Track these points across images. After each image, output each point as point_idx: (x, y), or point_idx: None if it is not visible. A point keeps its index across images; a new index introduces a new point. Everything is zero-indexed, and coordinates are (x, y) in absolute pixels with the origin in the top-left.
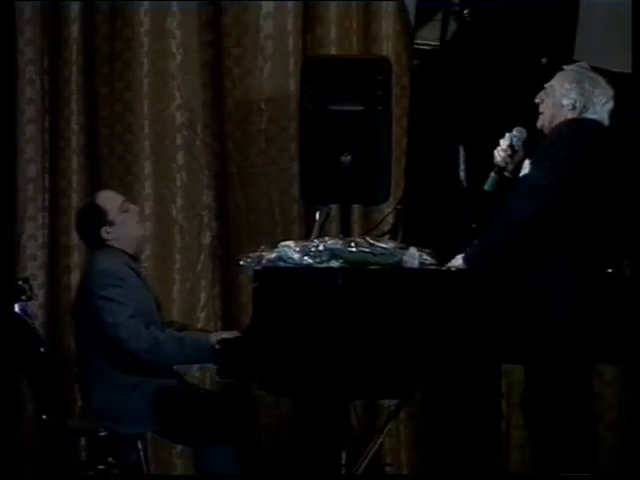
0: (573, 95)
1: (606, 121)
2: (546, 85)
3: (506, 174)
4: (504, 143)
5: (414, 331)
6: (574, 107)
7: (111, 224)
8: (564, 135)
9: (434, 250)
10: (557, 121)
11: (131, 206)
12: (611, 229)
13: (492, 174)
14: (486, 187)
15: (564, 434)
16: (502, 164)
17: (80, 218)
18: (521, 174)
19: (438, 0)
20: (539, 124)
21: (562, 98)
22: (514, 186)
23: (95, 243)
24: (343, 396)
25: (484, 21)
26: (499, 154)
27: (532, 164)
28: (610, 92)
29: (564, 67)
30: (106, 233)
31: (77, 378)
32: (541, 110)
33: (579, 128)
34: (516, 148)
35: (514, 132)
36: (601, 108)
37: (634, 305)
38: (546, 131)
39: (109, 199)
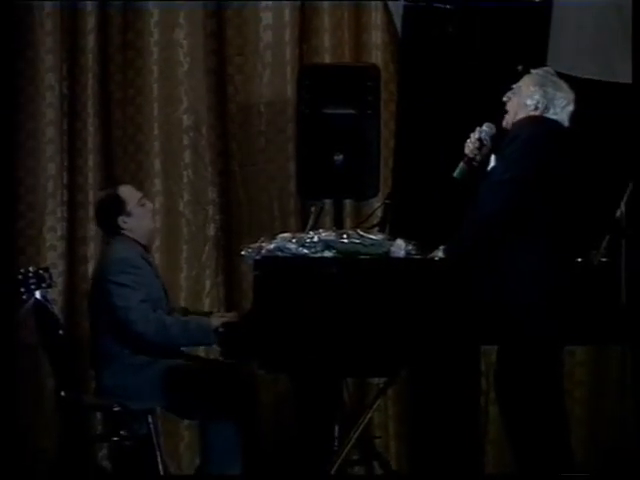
0: (536, 96)
1: (566, 122)
2: (514, 86)
3: (474, 164)
4: (474, 136)
5: (400, 315)
6: (537, 107)
7: (128, 215)
8: (524, 132)
9: (419, 241)
10: (517, 117)
11: (147, 202)
12: (581, 222)
13: (461, 164)
14: (455, 175)
15: (535, 410)
16: (471, 155)
17: (100, 206)
18: (489, 167)
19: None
20: (504, 123)
21: (526, 98)
22: (484, 181)
23: (112, 231)
24: (336, 374)
25: (467, 34)
26: (468, 146)
27: (497, 159)
28: (571, 96)
29: (531, 71)
30: (123, 222)
31: (90, 360)
32: (507, 108)
33: (539, 125)
34: (484, 142)
35: (484, 127)
36: (561, 110)
37: (602, 290)
38: (509, 127)
39: (129, 193)
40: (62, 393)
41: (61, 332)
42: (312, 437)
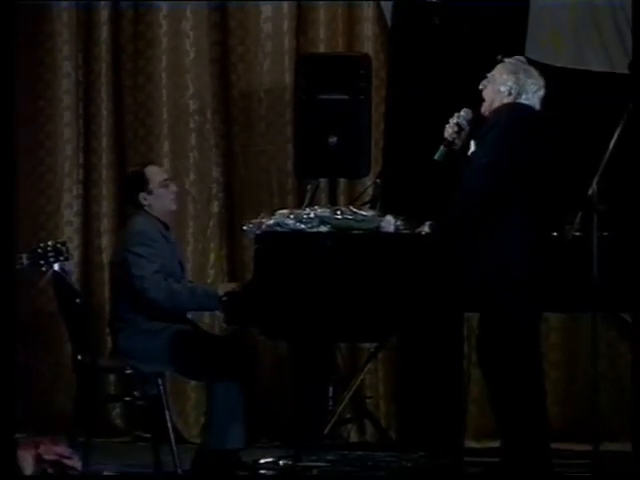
0: (509, 83)
1: (537, 106)
2: (488, 74)
3: (454, 147)
4: (452, 121)
5: (390, 285)
6: (510, 93)
7: (149, 192)
8: (502, 118)
9: (407, 217)
10: (496, 105)
11: (172, 185)
12: (556, 199)
13: (441, 147)
14: (436, 157)
15: (514, 373)
16: (450, 138)
17: (125, 181)
18: (469, 152)
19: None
20: (482, 109)
21: (500, 85)
22: (467, 166)
23: (134, 205)
24: (330, 340)
25: (451, 25)
26: (447, 130)
27: (476, 144)
28: (541, 82)
29: (504, 60)
30: (143, 199)
31: (108, 323)
32: (484, 96)
33: (514, 112)
34: (462, 126)
35: (461, 112)
36: (533, 95)
37: (575, 262)
38: (486, 114)
39: (154, 172)
40: (79, 357)
41: (77, 301)
42: (308, 397)
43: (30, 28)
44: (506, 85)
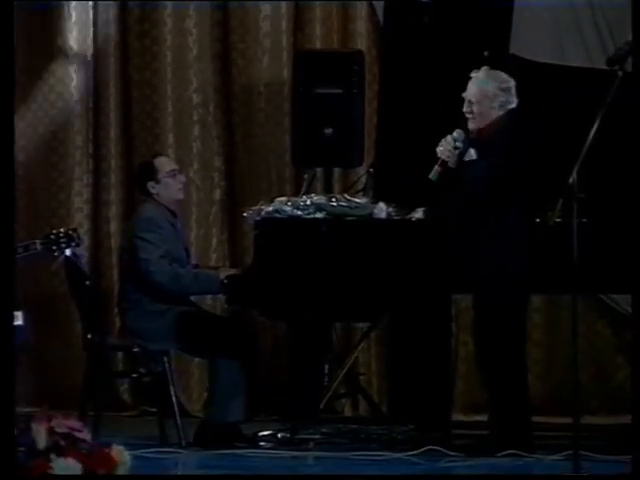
0: (500, 98)
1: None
2: (468, 96)
3: (449, 166)
4: (448, 144)
5: (382, 268)
6: (502, 105)
7: (157, 181)
8: (506, 129)
9: (398, 204)
10: (490, 120)
11: (180, 175)
12: (540, 188)
13: (436, 167)
14: (431, 177)
15: (504, 350)
16: (446, 159)
17: (136, 171)
18: (467, 159)
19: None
20: (476, 125)
21: (492, 102)
22: (470, 165)
23: (143, 193)
24: (326, 320)
25: (441, 23)
26: (444, 152)
27: (479, 155)
28: (509, 77)
29: (472, 75)
30: (151, 187)
31: (117, 304)
32: (475, 114)
33: (514, 122)
34: (457, 145)
35: (454, 134)
36: (512, 95)
37: (556, 247)
38: (481, 126)
39: (163, 163)
40: (89, 336)
41: (88, 283)
42: (305, 374)
43: (43, 26)
44: (497, 100)
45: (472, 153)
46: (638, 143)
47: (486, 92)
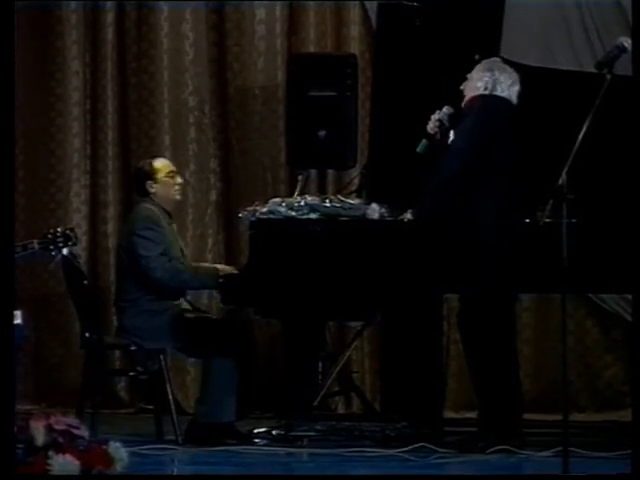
0: (485, 79)
1: (513, 98)
2: (467, 75)
3: (435, 141)
4: (434, 117)
5: (375, 268)
6: (486, 88)
7: (155, 182)
8: (475, 107)
9: (390, 205)
10: (469, 96)
11: (178, 177)
12: (530, 188)
13: (423, 140)
14: (418, 149)
15: (491, 348)
16: (432, 132)
17: (135, 170)
18: (449, 142)
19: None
20: (462, 105)
21: (477, 82)
22: (444, 151)
23: (141, 193)
24: (320, 318)
25: (432, 27)
26: (430, 125)
27: (455, 133)
28: (515, 76)
29: (482, 61)
30: (150, 187)
31: (114, 303)
32: (464, 94)
33: (487, 101)
34: (443, 121)
35: (443, 109)
36: (507, 88)
37: (545, 246)
38: (464, 102)
39: (161, 164)
40: (86, 334)
41: (85, 282)
42: (299, 372)
43: (41, 29)
44: (482, 81)
45: (451, 134)
46: (633, 146)
47: (477, 70)
